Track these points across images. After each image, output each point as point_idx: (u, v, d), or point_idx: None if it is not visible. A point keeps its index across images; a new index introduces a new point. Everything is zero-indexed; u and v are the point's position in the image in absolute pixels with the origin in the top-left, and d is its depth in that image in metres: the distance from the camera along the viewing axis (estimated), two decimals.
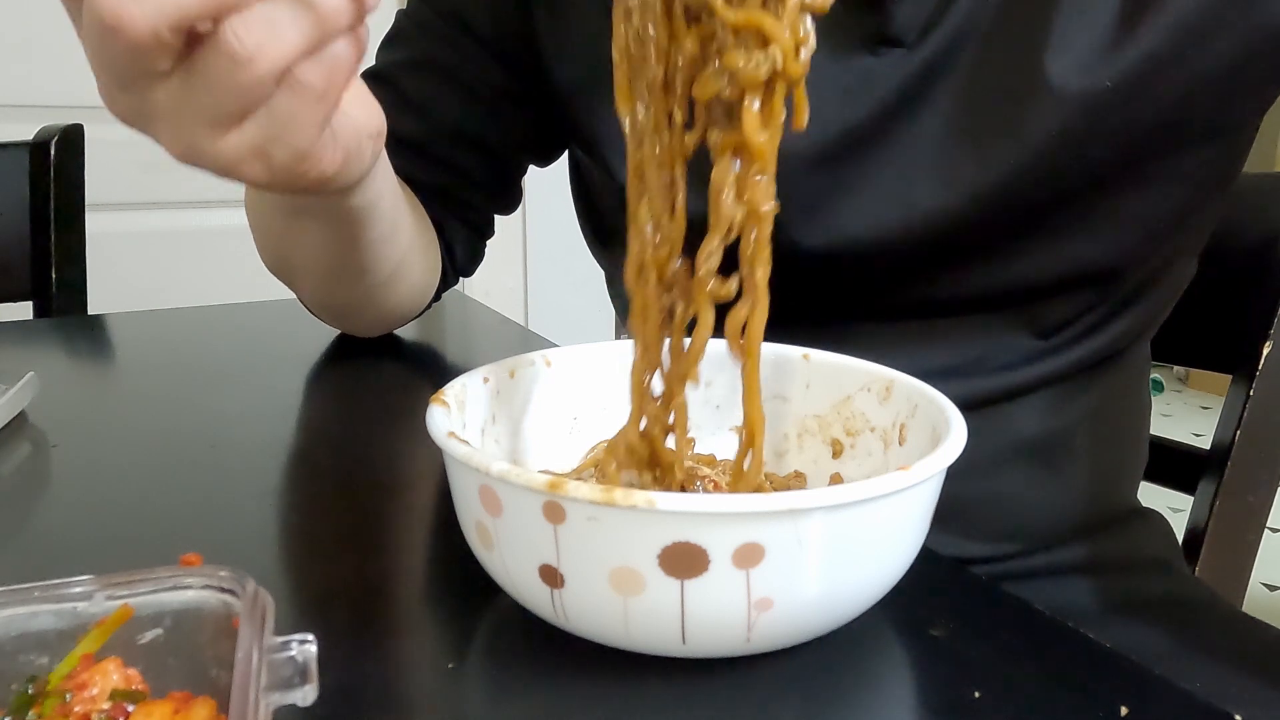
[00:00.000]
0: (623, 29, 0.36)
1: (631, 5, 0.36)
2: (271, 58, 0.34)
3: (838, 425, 0.45)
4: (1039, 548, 0.62)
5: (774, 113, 0.34)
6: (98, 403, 0.65)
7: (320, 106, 0.37)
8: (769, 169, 0.35)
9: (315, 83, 0.36)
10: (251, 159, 0.38)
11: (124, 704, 0.28)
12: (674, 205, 0.37)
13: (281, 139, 0.37)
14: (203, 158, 0.38)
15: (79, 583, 0.30)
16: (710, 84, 0.34)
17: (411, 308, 0.72)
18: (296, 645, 0.27)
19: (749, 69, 0.33)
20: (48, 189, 0.98)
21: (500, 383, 0.44)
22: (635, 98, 0.37)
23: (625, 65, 0.37)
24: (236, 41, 0.34)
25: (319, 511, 0.50)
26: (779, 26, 0.33)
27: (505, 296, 1.93)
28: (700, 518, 0.31)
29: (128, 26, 0.33)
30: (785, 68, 0.33)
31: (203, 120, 0.36)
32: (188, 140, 0.37)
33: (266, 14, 0.34)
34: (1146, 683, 0.35)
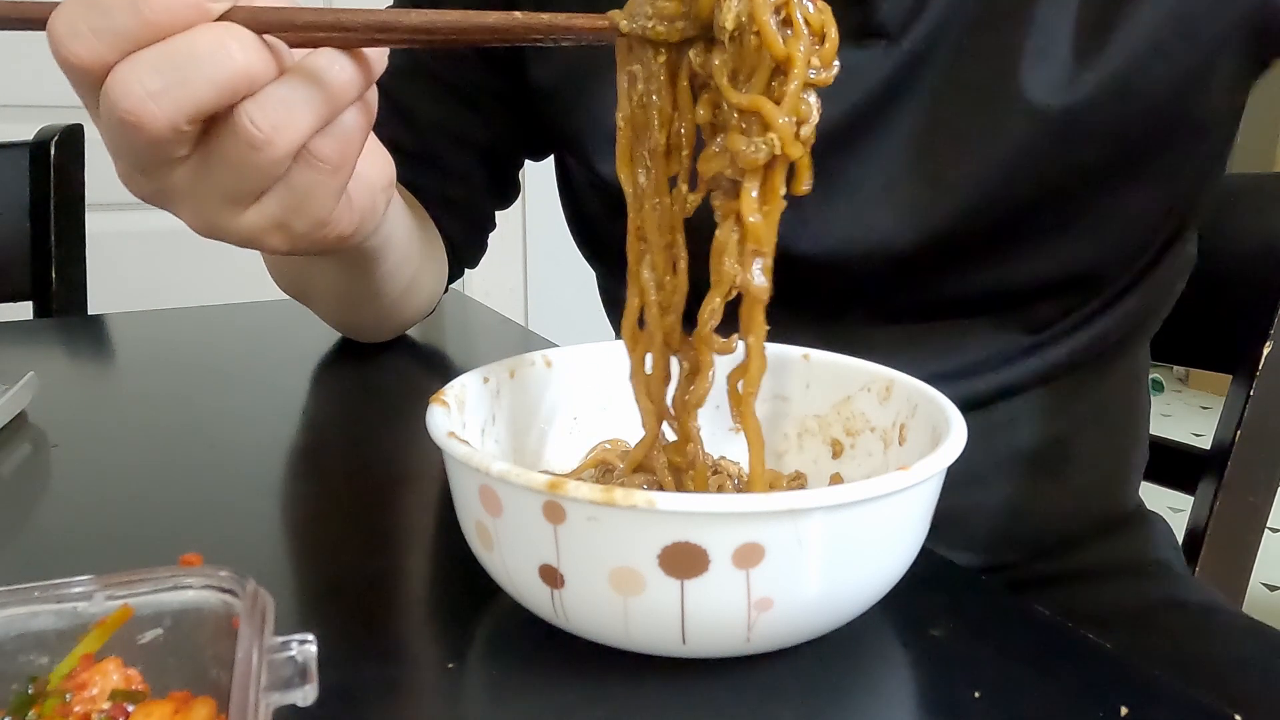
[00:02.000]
0: (626, 96, 0.37)
1: (636, 72, 0.36)
2: (287, 139, 0.35)
3: (838, 425, 0.45)
4: (1040, 555, 0.62)
5: (772, 192, 0.35)
6: (98, 403, 0.65)
7: (337, 177, 0.38)
8: (766, 249, 0.36)
9: (331, 156, 0.37)
10: (273, 231, 0.39)
11: (124, 704, 0.28)
12: (675, 265, 0.38)
13: (301, 211, 0.38)
14: (225, 233, 0.39)
15: (79, 583, 0.30)
16: (714, 163, 0.35)
17: (421, 314, 0.73)
18: (296, 645, 0.27)
19: (749, 154, 0.34)
20: (48, 189, 0.98)
21: (500, 383, 0.44)
22: (636, 163, 0.38)
23: (629, 131, 0.38)
24: (252, 126, 0.35)
25: (319, 511, 0.50)
26: (777, 114, 0.33)
27: (505, 296, 1.93)
28: (700, 518, 0.31)
29: (148, 123, 0.33)
30: (784, 150, 0.34)
31: (222, 199, 0.37)
32: (208, 217, 0.38)
33: (279, 95, 0.35)
34: (1146, 683, 0.35)
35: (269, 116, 0.34)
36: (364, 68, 0.36)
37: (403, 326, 0.73)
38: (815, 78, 0.34)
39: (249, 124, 0.34)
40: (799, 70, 0.33)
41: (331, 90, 0.35)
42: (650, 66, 0.36)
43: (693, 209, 0.38)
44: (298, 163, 0.36)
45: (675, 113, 0.37)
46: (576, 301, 0.82)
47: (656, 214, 0.38)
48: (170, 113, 0.33)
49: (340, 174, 0.38)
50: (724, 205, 0.36)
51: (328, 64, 0.35)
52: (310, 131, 0.36)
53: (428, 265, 0.68)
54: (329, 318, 0.71)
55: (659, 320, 0.39)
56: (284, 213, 0.38)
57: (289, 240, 0.40)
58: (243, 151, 0.35)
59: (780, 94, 0.34)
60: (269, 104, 0.34)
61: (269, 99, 0.34)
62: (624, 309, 0.40)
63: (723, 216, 0.36)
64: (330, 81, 0.35)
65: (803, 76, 0.33)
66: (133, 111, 0.33)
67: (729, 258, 0.36)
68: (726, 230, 0.36)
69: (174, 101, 0.33)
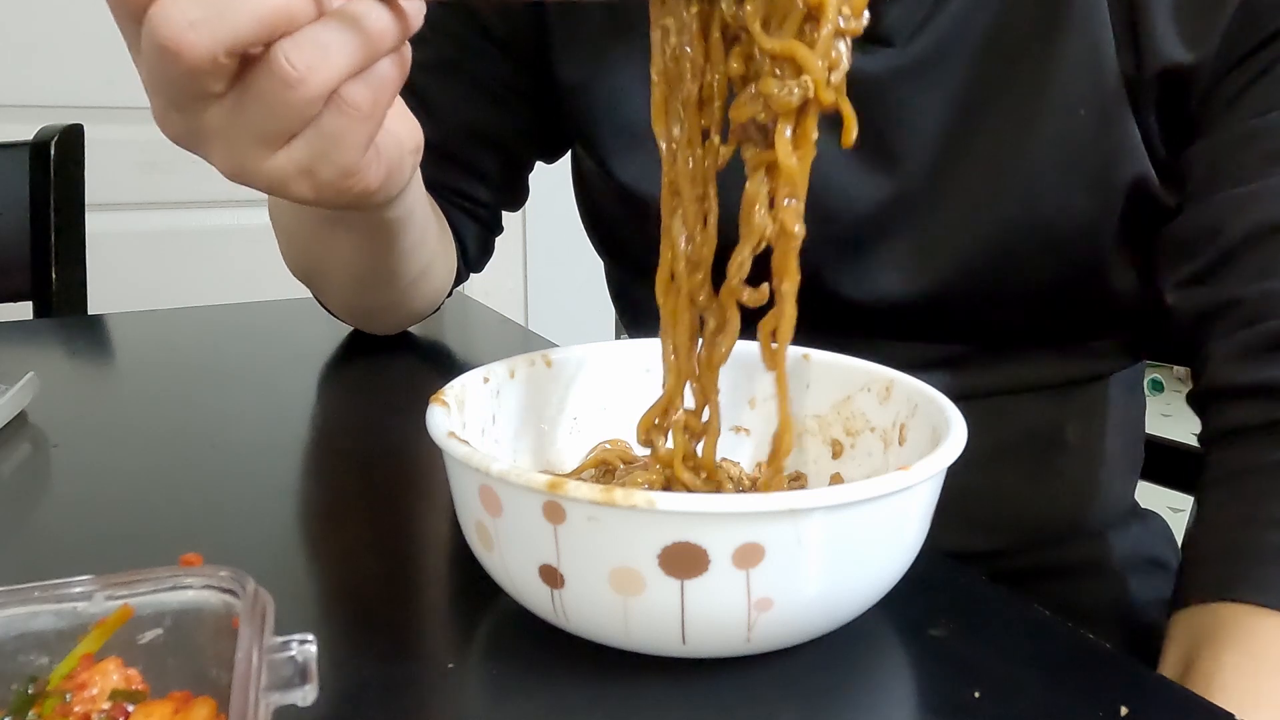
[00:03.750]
0: (660, 49, 0.37)
1: (669, 25, 0.37)
2: (321, 79, 0.35)
3: (838, 425, 0.45)
4: (1038, 544, 0.62)
5: (805, 136, 0.35)
6: (98, 403, 0.65)
7: (366, 125, 0.38)
8: (800, 192, 0.36)
9: (362, 102, 0.37)
10: (299, 176, 0.39)
11: (124, 704, 0.28)
12: (706, 219, 0.39)
13: (328, 157, 0.38)
14: (252, 176, 0.39)
15: (79, 583, 0.30)
16: (746, 108, 0.36)
17: (431, 306, 0.73)
18: (296, 645, 0.27)
19: (782, 96, 0.34)
20: (48, 189, 0.98)
21: (500, 383, 0.44)
22: (671, 116, 0.38)
23: (663, 84, 0.38)
24: (287, 64, 0.35)
25: (319, 511, 0.50)
26: (812, 57, 0.34)
27: (505, 296, 1.93)
28: (700, 518, 0.31)
29: (186, 51, 0.34)
30: (817, 94, 0.34)
31: (253, 139, 0.38)
32: (238, 159, 0.39)
33: (316, 37, 0.35)
34: (1146, 683, 0.35)
35: (305, 56, 0.35)
36: (401, 19, 0.36)
37: (412, 317, 0.73)
38: (845, 26, 0.34)
39: (285, 62, 0.35)
40: (830, 15, 0.33)
41: (368, 36, 0.36)
42: (683, 18, 0.36)
43: (725, 161, 0.38)
44: (329, 107, 0.37)
45: (707, 64, 0.37)
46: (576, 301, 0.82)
47: (689, 167, 0.38)
48: (209, 42, 0.34)
49: (370, 122, 0.38)
50: (755, 156, 0.36)
51: (366, 10, 0.36)
52: (344, 75, 0.36)
53: (441, 254, 0.68)
54: (340, 301, 0.71)
55: (687, 277, 0.39)
56: (312, 158, 0.38)
57: (314, 188, 0.40)
58: (277, 89, 0.35)
59: (812, 39, 0.34)
60: (306, 44, 0.35)
61: (306, 39, 0.35)
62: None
63: (753, 168, 0.36)
64: (367, 28, 0.36)
65: (834, 22, 0.34)
66: (173, 38, 0.34)
67: (760, 208, 0.36)
68: (756, 182, 0.36)
69: (213, 32, 0.34)
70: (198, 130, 0.38)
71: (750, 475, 0.46)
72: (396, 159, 0.43)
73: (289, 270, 0.70)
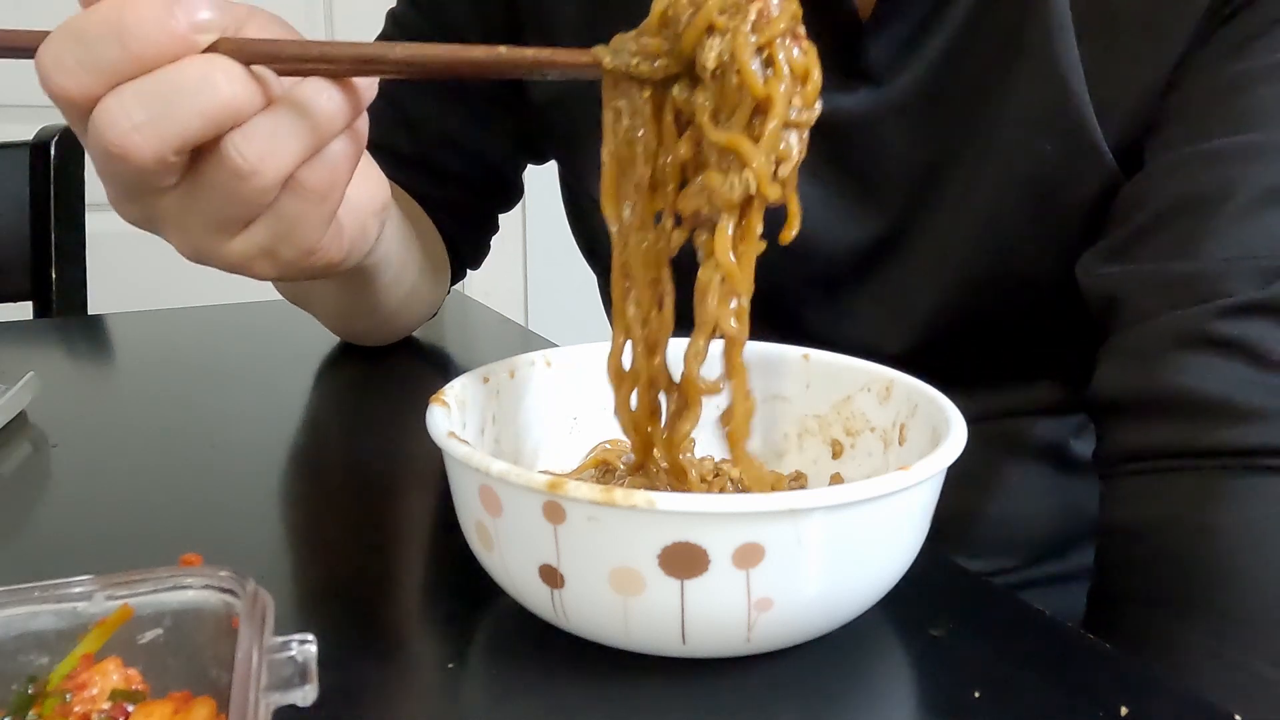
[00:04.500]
0: (612, 131, 0.37)
1: (621, 107, 0.36)
2: (274, 168, 0.35)
3: (838, 425, 0.45)
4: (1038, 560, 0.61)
5: (750, 231, 0.35)
6: (98, 403, 0.65)
7: (325, 206, 0.38)
8: (741, 288, 0.35)
9: (318, 185, 0.37)
10: (260, 258, 0.39)
11: (124, 704, 0.28)
12: (661, 301, 0.38)
13: (288, 238, 0.38)
14: (212, 259, 0.39)
15: (79, 583, 0.30)
16: (691, 200, 0.35)
17: (422, 320, 0.73)
18: (296, 645, 0.27)
19: (724, 191, 0.34)
20: (48, 189, 0.98)
21: (500, 383, 0.44)
22: (622, 198, 0.37)
23: (614, 166, 0.37)
24: (239, 156, 0.34)
25: (319, 511, 0.50)
26: (756, 152, 0.33)
27: (505, 296, 1.93)
28: (700, 518, 0.31)
29: (133, 154, 0.33)
30: (760, 190, 0.34)
31: (210, 226, 0.37)
32: (196, 244, 0.38)
33: (266, 126, 0.34)
34: (1146, 683, 0.35)
35: (256, 147, 0.34)
36: (352, 96, 0.36)
37: (403, 332, 0.73)
38: (796, 118, 0.33)
39: (236, 154, 0.34)
40: (779, 110, 0.33)
41: (319, 120, 0.35)
42: (635, 102, 0.36)
43: (677, 247, 0.37)
44: (285, 191, 0.36)
45: (660, 148, 0.36)
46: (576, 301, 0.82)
47: (641, 249, 0.38)
48: (156, 144, 0.33)
49: (328, 203, 0.38)
50: (707, 244, 0.36)
51: (315, 94, 0.35)
52: (297, 161, 0.35)
53: (427, 275, 0.68)
54: (329, 326, 0.72)
55: (645, 360, 0.39)
56: (272, 240, 0.38)
57: (277, 267, 0.39)
58: (230, 181, 0.35)
59: (760, 133, 0.33)
60: (256, 135, 0.34)
61: (256, 129, 0.34)
62: None
63: (705, 255, 0.36)
64: (317, 111, 0.35)
65: (783, 116, 0.33)
66: (118, 143, 0.33)
67: (712, 297, 0.35)
68: (709, 270, 0.35)
69: (160, 133, 0.33)
70: (153, 218, 0.38)
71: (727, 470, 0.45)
72: (359, 229, 0.42)
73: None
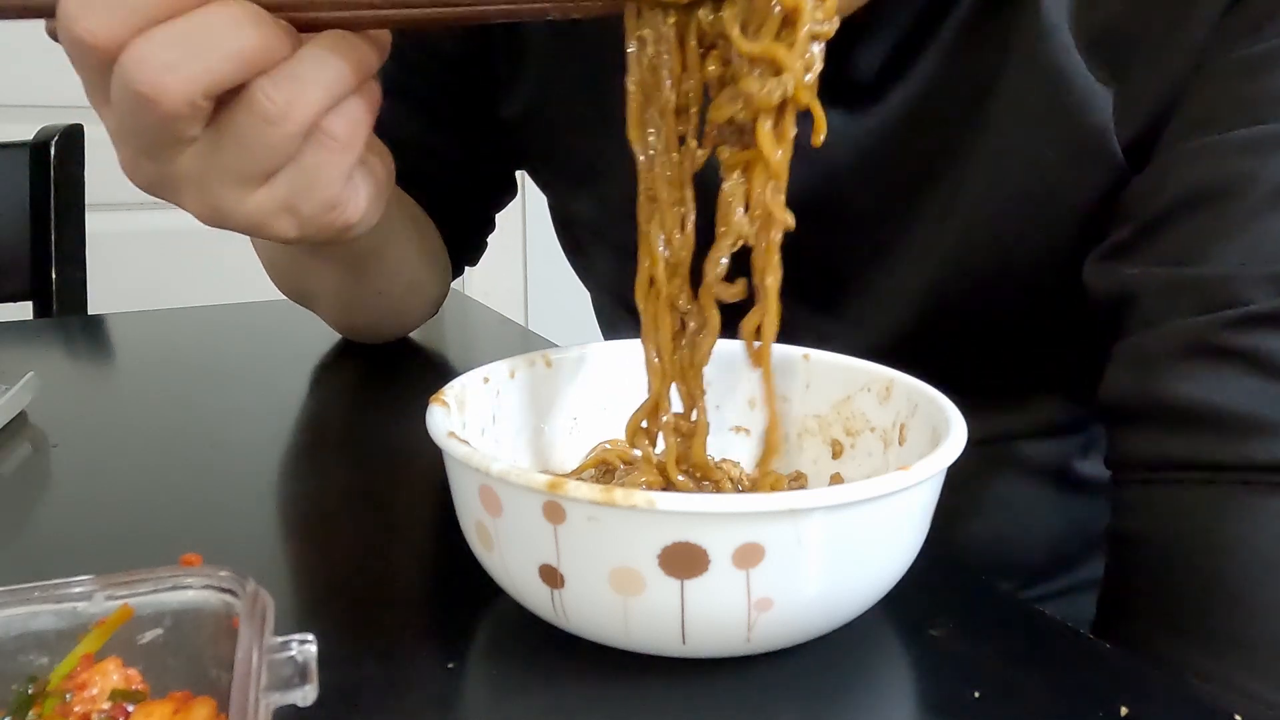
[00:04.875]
0: (637, 60, 0.38)
1: (646, 36, 0.37)
2: (301, 113, 0.35)
3: (838, 425, 0.45)
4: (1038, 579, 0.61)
5: (785, 134, 0.36)
6: (98, 403, 0.65)
7: (346, 156, 0.38)
8: (782, 185, 0.36)
9: (341, 133, 0.37)
10: (281, 214, 0.39)
11: (124, 704, 0.28)
12: (684, 222, 0.39)
13: (310, 191, 0.38)
14: (230, 218, 0.39)
15: (79, 583, 0.30)
16: (726, 108, 0.36)
17: (425, 316, 0.73)
18: (296, 645, 0.27)
19: (763, 95, 0.35)
20: (48, 189, 0.98)
21: (500, 383, 0.44)
22: (646, 124, 0.38)
23: (639, 95, 0.38)
24: (267, 100, 0.35)
25: (319, 511, 0.50)
26: (791, 57, 0.34)
27: (505, 296, 1.93)
28: (700, 518, 0.31)
29: (164, 96, 0.33)
30: (796, 94, 0.35)
31: (230, 180, 0.37)
32: (214, 202, 0.38)
33: (294, 71, 0.35)
34: (1146, 683, 0.35)
35: (284, 91, 0.35)
36: (375, 47, 0.37)
37: (406, 328, 0.73)
38: (819, 29, 0.35)
39: (264, 99, 0.35)
40: (806, 17, 0.34)
41: (344, 67, 0.36)
42: (660, 29, 0.37)
43: (700, 164, 0.38)
44: (309, 141, 0.37)
45: (684, 72, 0.37)
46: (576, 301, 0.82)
47: (667, 173, 0.38)
48: (187, 85, 0.33)
49: (349, 152, 0.38)
50: (732, 157, 0.37)
51: (339, 41, 0.36)
52: (323, 107, 0.36)
53: (428, 267, 0.68)
54: (332, 320, 0.71)
55: (667, 281, 0.39)
56: (293, 194, 0.38)
57: (297, 224, 0.39)
58: (257, 127, 0.35)
59: (790, 41, 0.34)
60: (284, 79, 0.35)
61: (283, 75, 0.35)
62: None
63: (729, 168, 0.37)
64: (343, 58, 0.36)
65: (809, 25, 0.34)
66: (150, 83, 0.33)
67: (739, 207, 0.37)
68: (733, 182, 0.37)
69: (191, 74, 0.33)
70: (171, 176, 0.38)
71: (750, 475, 0.46)
72: (374, 188, 0.42)
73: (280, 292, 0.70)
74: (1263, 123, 0.42)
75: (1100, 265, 0.47)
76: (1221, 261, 0.42)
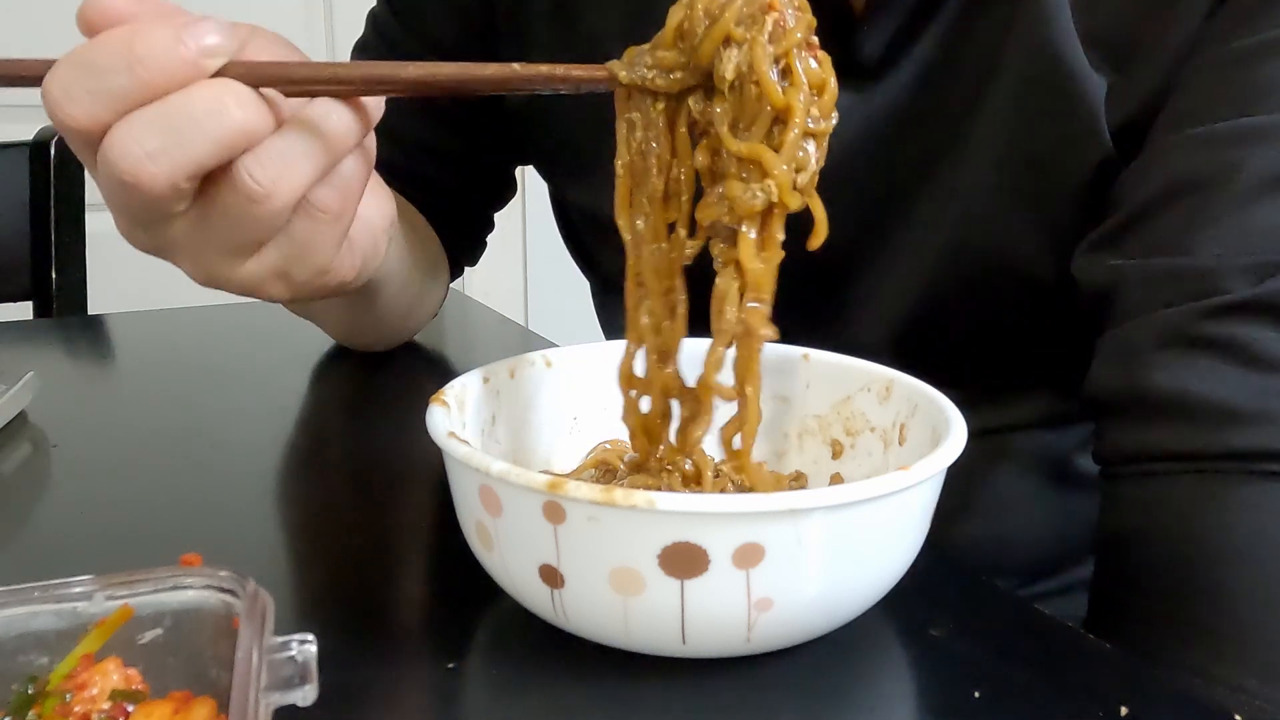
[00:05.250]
0: (626, 142, 0.37)
1: (635, 119, 0.37)
2: (287, 190, 0.35)
3: (838, 425, 0.45)
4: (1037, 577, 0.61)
5: (771, 239, 0.35)
6: (98, 403, 0.65)
7: (337, 226, 0.38)
8: (765, 295, 0.36)
9: (331, 205, 0.37)
10: (273, 280, 0.39)
11: (124, 704, 0.28)
12: (674, 310, 0.39)
13: (302, 260, 0.38)
14: (224, 283, 0.39)
15: (79, 583, 0.30)
16: (712, 210, 0.36)
17: (425, 322, 0.73)
18: (296, 645, 0.27)
19: (746, 199, 0.34)
20: (48, 189, 0.98)
21: (500, 383, 0.44)
22: (636, 210, 0.38)
23: (627, 178, 0.38)
24: (251, 180, 0.34)
25: (319, 511, 0.50)
26: (777, 161, 0.34)
27: (505, 296, 1.93)
28: (700, 518, 0.31)
29: (146, 183, 0.33)
30: (782, 198, 0.34)
31: (222, 250, 0.37)
32: (208, 269, 0.38)
33: (278, 149, 0.34)
34: (1146, 683, 0.35)
35: (268, 170, 0.34)
36: (362, 115, 0.36)
37: (406, 337, 0.73)
38: (814, 127, 0.34)
39: (248, 178, 0.34)
40: (798, 119, 0.34)
41: (330, 140, 0.35)
42: (649, 115, 0.36)
43: (692, 256, 0.38)
44: (298, 213, 0.36)
45: (674, 159, 0.37)
46: (576, 301, 0.82)
47: (655, 259, 0.38)
48: (169, 171, 0.33)
49: (341, 222, 0.38)
50: (724, 253, 0.36)
51: (325, 114, 0.35)
52: (310, 182, 0.35)
53: (429, 281, 0.68)
54: (334, 337, 0.72)
55: (657, 369, 0.39)
56: (285, 262, 0.38)
57: (290, 289, 0.39)
58: (242, 205, 0.35)
59: (779, 142, 0.34)
60: (268, 157, 0.34)
61: (267, 152, 0.34)
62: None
63: (723, 264, 0.36)
64: (328, 131, 0.35)
65: (802, 125, 0.34)
66: (131, 172, 0.33)
67: (730, 307, 0.36)
68: (727, 279, 0.36)
69: (172, 160, 0.33)
70: (165, 245, 0.38)
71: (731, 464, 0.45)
72: (370, 246, 0.42)
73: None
74: (1249, 115, 0.42)
75: (1087, 256, 0.47)
76: (1203, 252, 0.42)
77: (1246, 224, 0.42)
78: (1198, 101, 0.44)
